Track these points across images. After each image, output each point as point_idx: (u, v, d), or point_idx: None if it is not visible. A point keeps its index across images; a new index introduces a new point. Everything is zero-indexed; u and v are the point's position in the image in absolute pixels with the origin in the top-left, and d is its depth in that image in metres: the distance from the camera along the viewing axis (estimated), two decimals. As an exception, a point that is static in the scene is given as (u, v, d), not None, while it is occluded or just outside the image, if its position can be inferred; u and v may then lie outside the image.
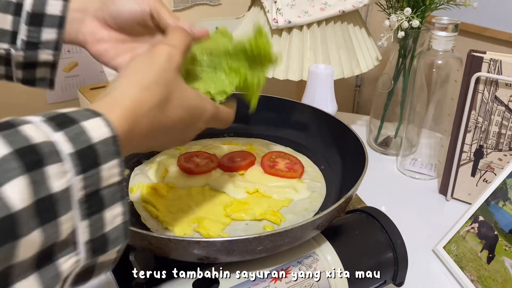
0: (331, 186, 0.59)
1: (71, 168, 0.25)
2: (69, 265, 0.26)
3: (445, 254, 0.65)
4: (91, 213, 0.27)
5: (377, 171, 0.87)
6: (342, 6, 0.83)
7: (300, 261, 0.45)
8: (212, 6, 1.28)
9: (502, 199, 0.61)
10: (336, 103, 0.78)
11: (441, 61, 0.76)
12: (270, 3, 0.83)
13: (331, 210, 0.43)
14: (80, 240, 0.27)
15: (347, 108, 1.54)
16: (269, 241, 0.40)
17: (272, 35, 0.86)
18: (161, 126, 0.35)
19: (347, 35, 0.87)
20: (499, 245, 0.59)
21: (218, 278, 0.43)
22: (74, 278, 0.28)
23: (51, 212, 0.24)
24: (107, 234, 0.28)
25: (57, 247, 0.25)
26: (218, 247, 0.40)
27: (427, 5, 0.80)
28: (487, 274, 0.59)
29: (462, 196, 0.78)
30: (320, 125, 0.65)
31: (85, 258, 0.27)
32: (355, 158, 0.55)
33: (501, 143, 0.71)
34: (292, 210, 0.54)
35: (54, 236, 0.25)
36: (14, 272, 0.23)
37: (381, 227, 0.50)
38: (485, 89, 0.70)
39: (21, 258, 0.23)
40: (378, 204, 0.57)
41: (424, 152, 0.86)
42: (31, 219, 0.23)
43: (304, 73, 0.85)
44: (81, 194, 0.26)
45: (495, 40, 1.03)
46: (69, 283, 0.27)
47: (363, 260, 0.49)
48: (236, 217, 0.51)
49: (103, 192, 0.27)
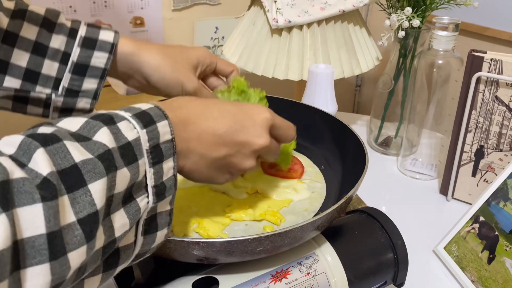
0: (331, 186, 0.58)
1: (136, 124, 0.33)
2: (143, 204, 0.33)
3: (446, 254, 0.65)
4: (155, 163, 0.34)
5: (377, 171, 0.87)
6: (342, 6, 0.82)
7: (300, 262, 0.45)
8: (212, 6, 1.28)
9: (503, 199, 0.60)
10: (336, 103, 0.78)
11: (442, 61, 0.76)
12: (270, 3, 0.83)
13: (331, 210, 0.43)
14: (149, 184, 0.33)
15: (347, 108, 1.54)
16: (269, 242, 0.40)
17: (272, 35, 0.86)
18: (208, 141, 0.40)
19: (347, 35, 0.87)
20: (500, 245, 0.58)
21: (217, 279, 0.43)
22: (144, 224, 0.34)
23: (131, 156, 0.32)
24: (165, 182, 0.35)
25: (135, 187, 0.32)
26: (217, 247, 0.39)
27: (428, 4, 0.80)
28: (488, 275, 0.58)
29: (462, 197, 0.78)
30: (320, 125, 0.65)
31: (152, 200, 0.34)
32: (355, 158, 0.54)
33: (501, 143, 0.71)
34: (292, 210, 0.54)
35: (136, 176, 0.32)
36: (113, 202, 0.30)
37: (381, 228, 0.50)
38: (485, 89, 0.70)
39: (118, 190, 0.30)
40: (378, 204, 0.57)
41: (424, 152, 0.86)
42: (120, 159, 0.31)
43: (304, 73, 0.85)
44: (148, 145, 0.33)
45: (496, 39, 1.03)
46: (141, 228, 0.34)
47: (364, 260, 0.48)
48: (236, 218, 0.51)
49: (162, 146, 0.34)
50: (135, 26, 1.20)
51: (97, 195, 0.28)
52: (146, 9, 1.20)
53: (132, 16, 1.19)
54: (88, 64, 0.51)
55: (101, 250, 0.30)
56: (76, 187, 0.27)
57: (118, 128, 0.32)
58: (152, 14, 1.21)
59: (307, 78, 0.77)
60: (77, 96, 0.52)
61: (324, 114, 0.65)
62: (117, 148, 0.31)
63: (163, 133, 0.35)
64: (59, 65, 0.51)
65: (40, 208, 0.25)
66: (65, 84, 0.51)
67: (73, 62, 0.51)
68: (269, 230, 0.49)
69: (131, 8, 1.18)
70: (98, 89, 0.53)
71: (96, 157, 0.29)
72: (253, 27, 0.89)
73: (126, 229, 0.32)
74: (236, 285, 0.42)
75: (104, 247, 0.30)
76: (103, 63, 0.51)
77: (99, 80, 0.52)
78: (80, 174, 0.28)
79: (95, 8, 1.14)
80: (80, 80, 0.52)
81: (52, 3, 1.08)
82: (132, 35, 1.21)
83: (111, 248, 0.31)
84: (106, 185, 0.29)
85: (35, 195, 0.25)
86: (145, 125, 0.33)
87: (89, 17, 1.14)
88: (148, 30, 1.22)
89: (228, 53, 0.93)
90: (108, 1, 1.15)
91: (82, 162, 0.28)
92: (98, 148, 0.30)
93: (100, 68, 0.52)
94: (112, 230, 0.30)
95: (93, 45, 0.51)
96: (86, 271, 0.29)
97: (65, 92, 0.52)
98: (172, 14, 1.23)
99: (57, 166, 0.27)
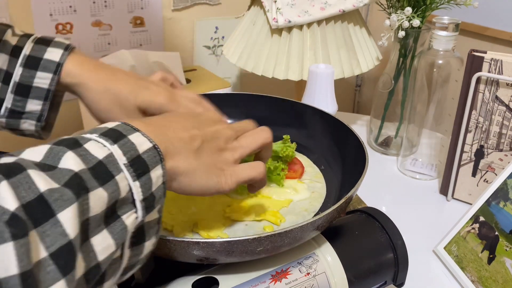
0: (331, 186, 0.58)
1: (105, 141, 0.31)
2: (131, 220, 0.31)
3: (446, 254, 0.65)
4: (139, 175, 0.32)
5: (377, 171, 0.87)
6: (343, 6, 0.82)
7: (300, 262, 0.45)
8: (212, 6, 1.27)
9: (503, 199, 0.60)
10: (336, 103, 0.78)
11: (442, 60, 0.76)
12: (270, 3, 0.83)
13: (331, 210, 0.43)
14: (136, 198, 0.32)
15: (348, 108, 1.54)
16: (269, 242, 0.40)
17: (272, 35, 0.86)
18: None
19: (347, 35, 0.87)
20: (500, 245, 0.58)
21: (217, 279, 0.43)
22: (131, 237, 0.32)
23: (107, 174, 0.30)
24: (154, 192, 0.33)
25: (119, 204, 0.31)
26: (217, 248, 0.39)
27: (428, 4, 0.80)
28: (488, 275, 0.58)
29: (462, 197, 0.78)
30: (320, 125, 0.65)
31: (142, 215, 0.32)
32: (355, 158, 0.54)
33: (501, 143, 0.71)
34: (292, 210, 0.54)
35: (116, 193, 0.30)
36: (90, 226, 0.28)
37: (381, 228, 0.50)
38: (485, 89, 0.70)
39: (94, 212, 0.28)
40: (378, 204, 0.57)
41: (424, 152, 0.86)
42: (92, 180, 0.29)
43: (304, 73, 0.85)
44: (124, 159, 0.31)
45: (496, 39, 1.03)
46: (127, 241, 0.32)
47: (364, 260, 0.48)
48: (236, 218, 0.51)
49: (144, 156, 0.32)
50: (135, 26, 1.20)
51: (68, 224, 0.26)
52: (146, 9, 1.20)
53: (132, 16, 1.19)
54: (31, 85, 0.49)
55: (83, 278, 0.28)
56: (44, 219, 0.25)
57: (86, 149, 0.30)
58: (152, 14, 1.21)
59: (307, 78, 0.77)
60: (21, 118, 0.50)
61: (324, 114, 0.65)
62: (86, 170, 0.29)
63: (139, 143, 0.33)
64: (1, 85, 0.49)
65: (12, 247, 0.23)
66: (7, 104, 0.49)
67: (15, 82, 0.49)
68: (269, 230, 0.49)
69: (131, 8, 1.18)
70: (43, 110, 0.50)
71: (63, 185, 0.27)
72: (253, 27, 0.89)
73: (112, 250, 0.30)
74: (236, 285, 0.42)
75: (86, 273, 0.28)
76: (46, 84, 0.49)
77: (43, 102, 0.50)
78: (47, 204, 0.26)
79: (95, 8, 1.14)
80: (23, 101, 0.49)
81: (52, 3, 1.08)
82: (132, 35, 1.21)
83: (96, 274, 0.29)
84: (77, 210, 0.27)
85: (5, 233, 0.23)
86: (115, 140, 0.32)
87: (89, 17, 1.14)
88: (148, 30, 1.22)
89: (228, 53, 0.93)
90: (108, 1, 1.15)
91: (48, 191, 0.26)
92: (64, 175, 0.28)
93: (44, 89, 0.49)
94: (94, 255, 0.29)
95: (36, 65, 0.48)
96: None
97: (8, 113, 0.50)
98: (172, 14, 1.23)
99: (22, 199, 0.25)
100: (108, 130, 0.33)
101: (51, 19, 1.10)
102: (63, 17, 1.12)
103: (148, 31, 1.23)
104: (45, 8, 1.09)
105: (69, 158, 0.29)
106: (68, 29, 1.13)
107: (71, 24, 1.13)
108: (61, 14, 1.11)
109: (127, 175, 0.31)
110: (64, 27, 1.12)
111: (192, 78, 1.08)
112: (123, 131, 0.33)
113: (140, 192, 0.32)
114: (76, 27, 1.14)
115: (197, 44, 1.30)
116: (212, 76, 1.12)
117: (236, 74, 1.38)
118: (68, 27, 1.13)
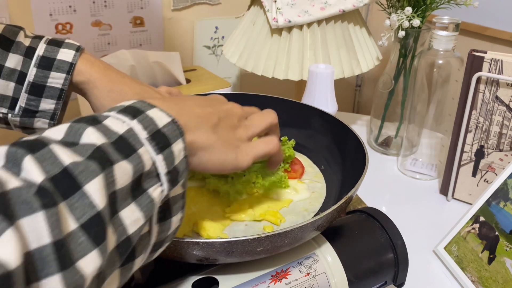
0: (331, 186, 0.58)
1: (124, 117, 0.32)
2: (157, 194, 0.32)
3: (446, 254, 0.65)
4: (161, 148, 0.32)
5: (377, 171, 0.87)
6: (343, 6, 0.82)
7: (300, 262, 0.45)
8: (212, 6, 1.27)
9: (503, 199, 0.60)
10: (336, 103, 0.77)
11: (442, 60, 0.76)
12: (270, 3, 0.83)
13: (331, 210, 0.43)
14: (161, 172, 0.32)
15: (348, 108, 1.54)
16: (269, 242, 0.40)
17: (272, 35, 0.86)
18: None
19: (347, 35, 0.87)
20: (500, 245, 0.58)
21: (217, 279, 0.43)
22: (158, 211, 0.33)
23: (129, 147, 0.30)
24: (177, 166, 0.33)
25: (144, 177, 0.31)
26: (217, 248, 0.39)
27: (428, 4, 0.80)
28: (488, 275, 0.58)
29: (463, 197, 0.78)
30: (320, 125, 0.65)
31: (167, 188, 0.32)
32: (355, 158, 0.54)
33: (502, 143, 0.71)
34: (292, 210, 0.54)
35: (140, 166, 0.30)
36: (117, 199, 0.28)
37: (381, 228, 0.50)
38: (486, 89, 0.70)
39: (120, 185, 0.29)
40: (378, 204, 0.57)
41: (424, 152, 0.86)
42: (115, 153, 0.29)
43: (304, 72, 0.85)
44: (145, 133, 0.31)
45: (496, 39, 1.02)
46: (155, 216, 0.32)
47: (364, 261, 0.48)
48: (236, 218, 0.51)
49: (164, 130, 0.33)
50: (135, 26, 1.20)
51: (95, 195, 0.26)
52: (146, 9, 1.20)
53: (132, 16, 1.19)
54: (45, 85, 0.50)
55: (115, 251, 0.28)
56: (71, 192, 0.26)
57: (105, 125, 0.30)
58: (152, 13, 1.21)
59: (307, 78, 0.77)
60: (35, 116, 0.52)
61: (324, 114, 0.65)
62: (108, 144, 0.29)
63: (158, 118, 0.33)
64: (15, 85, 0.50)
65: (42, 217, 0.23)
66: (21, 104, 0.51)
67: (29, 82, 0.50)
68: (269, 230, 0.48)
69: (130, 8, 1.18)
70: (56, 109, 0.52)
71: (87, 158, 0.27)
72: (253, 27, 0.88)
73: (141, 223, 0.30)
74: (236, 286, 0.42)
75: (118, 247, 0.28)
76: (60, 83, 0.50)
77: (56, 101, 0.51)
78: (72, 177, 0.26)
79: (95, 8, 1.14)
80: (37, 100, 0.51)
81: (52, 2, 1.08)
82: (132, 35, 1.21)
83: (128, 247, 0.29)
84: (104, 182, 0.27)
85: (34, 203, 0.23)
86: (133, 116, 0.32)
87: (89, 17, 1.14)
88: (148, 30, 1.22)
89: (228, 53, 0.93)
90: (108, 1, 1.15)
91: (72, 164, 0.26)
92: (87, 149, 0.28)
93: (57, 88, 0.51)
94: (124, 228, 0.29)
95: (50, 65, 0.50)
96: (107, 276, 0.28)
97: (22, 112, 0.51)
98: (172, 14, 1.23)
99: (47, 173, 0.25)
100: (126, 107, 0.33)
101: (50, 19, 1.10)
102: (63, 17, 1.11)
103: (148, 31, 1.23)
104: (45, 8, 1.09)
105: (90, 134, 0.29)
106: (68, 29, 1.13)
107: (71, 24, 1.13)
108: (61, 14, 1.11)
109: (149, 149, 0.31)
110: (64, 27, 1.12)
111: (192, 78, 1.08)
112: (141, 107, 0.33)
113: (164, 165, 0.32)
114: (76, 27, 1.14)
115: (197, 44, 1.30)
116: (212, 76, 1.12)
117: (236, 74, 1.38)
118: (68, 27, 1.13)
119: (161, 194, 0.32)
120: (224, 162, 0.40)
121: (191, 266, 0.44)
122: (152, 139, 0.32)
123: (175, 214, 0.35)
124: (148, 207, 0.31)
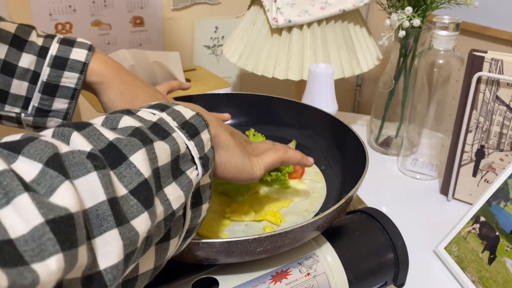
0: (332, 186, 0.58)
1: (154, 110, 0.34)
2: (194, 176, 0.34)
3: (446, 255, 0.64)
4: (192, 135, 0.34)
5: (377, 172, 0.87)
6: (343, 5, 0.82)
7: (300, 262, 0.45)
8: (212, 5, 1.27)
9: (504, 199, 0.60)
10: (336, 103, 0.77)
11: (442, 60, 0.76)
12: (270, 2, 0.83)
13: (332, 211, 0.43)
14: (194, 155, 0.34)
15: (348, 108, 1.54)
16: (269, 242, 0.40)
17: (272, 35, 0.85)
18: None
19: (347, 35, 0.86)
20: (501, 246, 0.58)
21: (217, 279, 0.42)
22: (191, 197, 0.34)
23: (163, 132, 0.33)
24: (207, 153, 0.36)
25: (181, 160, 0.33)
26: (217, 248, 0.39)
27: (428, 4, 0.80)
28: (488, 275, 0.58)
29: (463, 197, 0.78)
30: (320, 125, 0.65)
31: (201, 172, 0.35)
32: (355, 158, 0.54)
33: (502, 143, 0.71)
34: (292, 210, 0.53)
35: (176, 147, 0.32)
36: (161, 175, 0.30)
37: (381, 228, 0.50)
38: (486, 88, 0.70)
39: (161, 162, 0.31)
40: (378, 204, 0.57)
41: (425, 152, 0.86)
42: (152, 134, 0.31)
43: (304, 72, 0.85)
44: (175, 123, 0.34)
45: (497, 39, 1.02)
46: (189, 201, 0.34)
47: (364, 261, 0.48)
48: (236, 218, 0.51)
49: (191, 121, 0.35)
50: (135, 26, 1.20)
51: (140, 165, 0.28)
52: (145, 9, 1.20)
53: (132, 15, 1.19)
54: (58, 84, 0.50)
55: (163, 222, 0.30)
56: (118, 163, 0.27)
57: (139, 115, 0.33)
58: (152, 13, 1.21)
59: (307, 78, 0.77)
60: (47, 116, 0.52)
61: (324, 114, 0.64)
62: (146, 127, 0.31)
63: (184, 111, 0.36)
64: (29, 85, 0.50)
65: (96, 177, 0.25)
66: (35, 103, 0.51)
67: (42, 82, 0.50)
68: (269, 231, 0.48)
69: (130, 7, 1.18)
70: (69, 109, 0.52)
71: (128, 135, 0.29)
72: (253, 27, 0.88)
73: (182, 201, 0.32)
74: (236, 286, 0.42)
75: (165, 219, 0.30)
76: (73, 83, 0.51)
77: (69, 100, 0.51)
78: (118, 149, 0.28)
79: (95, 8, 1.14)
80: (50, 100, 0.51)
81: (52, 2, 1.08)
82: (132, 35, 1.21)
83: (172, 220, 0.31)
84: (147, 156, 0.29)
85: (87, 164, 0.25)
86: (162, 110, 0.35)
87: (89, 16, 1.14)
88: (147, 29, 1.22)
89: (228, 53, 0.93)
90: (108, 1, 1.15)
91: (116, 139, 0.28)
92: (127, 130, 0.30)
93: (71, 88, 0.51)
94: (169, 203, 0.31)
95: (63, 65, 0.50)
96: (153, 243, 0.29)
97: (35, 111, 0.51)
98: (172, 13, 1.23)
99: (94, 147, 0.27)
100: (151, 105, 0.36)
101: (50, 19, 1.10)
102: (62, 17, 1.11)
103: (148, 30, 1.23)
104: (45, 7, 1.08)
105: (127, 119, 0.31)
106: (67, 28, 1.13)
107: (70, 24, 1.13)
108: (61, 13, 1.11)
109: (181, 135, 0.34)
110: (64, 27, 1.12)
111: (192, 78, 1.08)
112: (167, 104, 0.36)
113: (196, 151, 0.34)
114: (75, 26, 1.14)
115: (197, 44, 1.30)
116: (212, 76, 1.12)
117: (236, 74, 1.38)
118: (67, 26, 1.13)
119: (196, 178, 0.34)
120: (241, 167, 0.41)
121: (191, 266, 0.44)
122: (182, 128, 0.34)
123: (204, 202, 0.37)
124: (188, 187, 0.33)
